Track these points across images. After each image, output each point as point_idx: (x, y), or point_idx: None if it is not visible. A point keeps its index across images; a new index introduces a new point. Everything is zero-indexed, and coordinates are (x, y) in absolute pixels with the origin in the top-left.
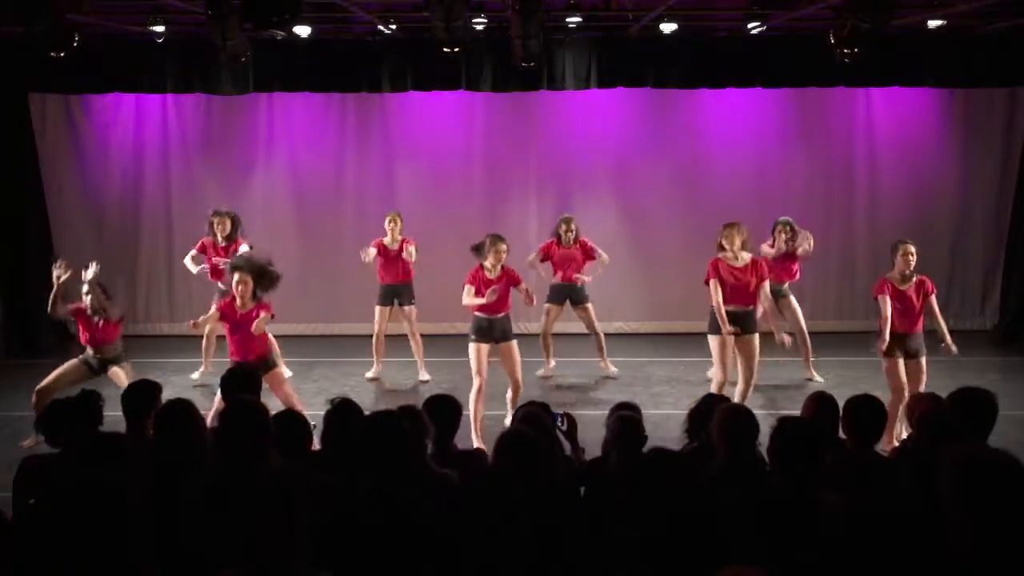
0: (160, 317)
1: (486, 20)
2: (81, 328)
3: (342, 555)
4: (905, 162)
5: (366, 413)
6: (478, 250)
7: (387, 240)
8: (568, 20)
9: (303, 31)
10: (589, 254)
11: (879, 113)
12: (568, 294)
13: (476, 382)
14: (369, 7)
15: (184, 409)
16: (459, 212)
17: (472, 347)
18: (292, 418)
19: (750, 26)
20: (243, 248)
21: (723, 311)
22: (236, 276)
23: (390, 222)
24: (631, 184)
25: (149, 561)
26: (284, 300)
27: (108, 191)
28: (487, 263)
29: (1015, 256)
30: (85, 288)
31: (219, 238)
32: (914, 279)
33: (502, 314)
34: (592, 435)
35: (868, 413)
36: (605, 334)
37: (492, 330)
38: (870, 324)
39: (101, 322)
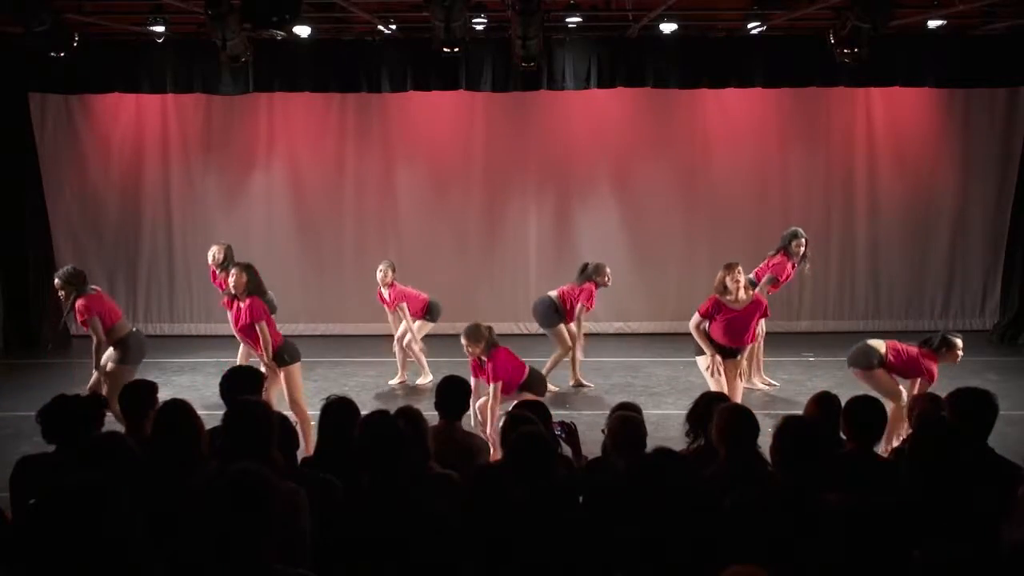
0: (160, 317)
1: (486, 20)
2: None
3: (341, 555)
4: (905, 162)
5: (364, 413)
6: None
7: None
8: (568, 20)
9: (303, 31)
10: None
11: (879, 113)
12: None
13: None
14: (369, 7)
15: (182, 409)
16: (459, 212)
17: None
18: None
19: (750, 26)
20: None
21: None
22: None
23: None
24: (631, 184)
25: (149, 562)
26: (284, 300)
27: (108, 191)
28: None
29: (1015, 256)
30: None
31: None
32: None
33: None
34: (592, 435)
35: (869, 414)
36: (606, 334)
37: None
38: (869, 324)
39: None
